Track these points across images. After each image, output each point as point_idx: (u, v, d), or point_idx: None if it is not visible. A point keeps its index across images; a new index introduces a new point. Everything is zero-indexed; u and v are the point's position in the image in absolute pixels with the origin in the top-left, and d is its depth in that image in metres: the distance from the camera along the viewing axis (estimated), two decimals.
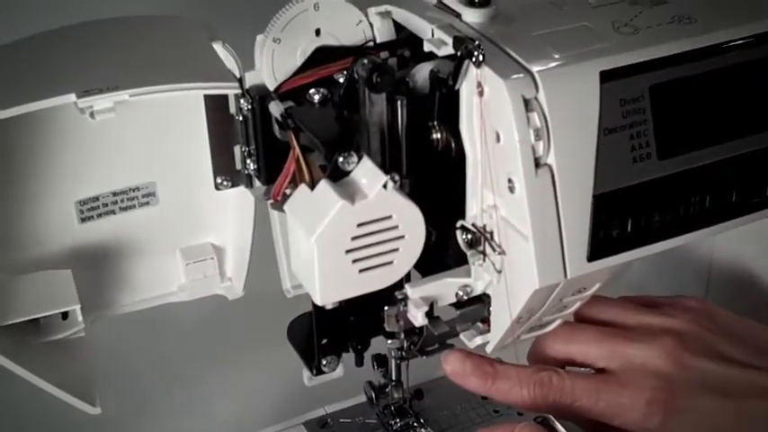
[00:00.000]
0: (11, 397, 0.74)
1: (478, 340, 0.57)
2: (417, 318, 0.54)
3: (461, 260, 0.55)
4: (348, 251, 0.50)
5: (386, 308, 0.54)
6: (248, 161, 0.58)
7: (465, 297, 0.55)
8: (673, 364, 0.57)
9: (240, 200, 0.61)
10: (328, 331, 0.56)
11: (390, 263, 0.51)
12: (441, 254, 0.55)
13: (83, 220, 0.60)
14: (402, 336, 0.56)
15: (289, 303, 0.62)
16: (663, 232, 0.51)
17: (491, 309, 0.55)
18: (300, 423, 0.66)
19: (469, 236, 0.53)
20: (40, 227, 0.58)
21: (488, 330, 0.56)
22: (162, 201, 0.61)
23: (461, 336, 0.58)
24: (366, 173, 0.50)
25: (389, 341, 0.56)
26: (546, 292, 0.50)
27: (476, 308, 0.56)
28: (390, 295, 0.55)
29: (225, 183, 0.60)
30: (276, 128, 0.56)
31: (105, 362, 0.70)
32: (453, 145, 0.53)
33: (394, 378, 0.64)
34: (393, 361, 0.62)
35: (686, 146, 0.51)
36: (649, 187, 0.50)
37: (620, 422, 0.56)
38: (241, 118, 0.57)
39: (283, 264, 0.62)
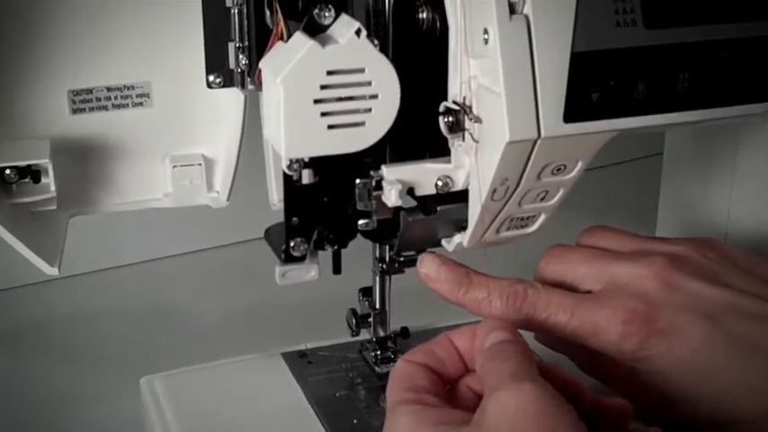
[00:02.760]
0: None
1: (457, 238, 0.55)
2: (391, 197, 0.52)
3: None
4: (317, 101, 0.49)
5: (357, 180, 0.53)
6: (241, 56, 0.58)
7: (445, 189, 0.53)
8: (659, 284, 0.52)
9: (232, 107, 0.61)
10: (299, 209, 0.54)
11: (362, 124, 0.50)
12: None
13: (74, 111, 0.59)
14: (374, 218, 0.54)
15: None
16: (646, 105, 0.49)
17: (469, 201, 0.53)
18: (279, 354, 0.64)
19: (451, 118, 0.52)
20: (31, 109, 0.58)
21: None
22: (156, 104, 0.61)
23: (443, 242, 0.56)
24: (342, 26, 0.50)
25: (361, 221, 0.54)
26: (520, 154, 0.48)
27: (456, 207, 0.54)
28: (367, 176, 0.53)
29: (217, 81, 0.59)
30: (269, 16, 0.56)
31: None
32: (438, 24, 0.52)
33: (378, 306, 0.61)
34: (377, 276, 0.60)
35: (675, 19, 0.49)
36: (632, 55, 0.48)
37: (596, 344, 0.52)
38: (236, 10, 0.58)
39: (271, 175, 0.61)
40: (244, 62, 0.58)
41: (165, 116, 0.61)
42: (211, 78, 0.60)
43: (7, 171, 0.55)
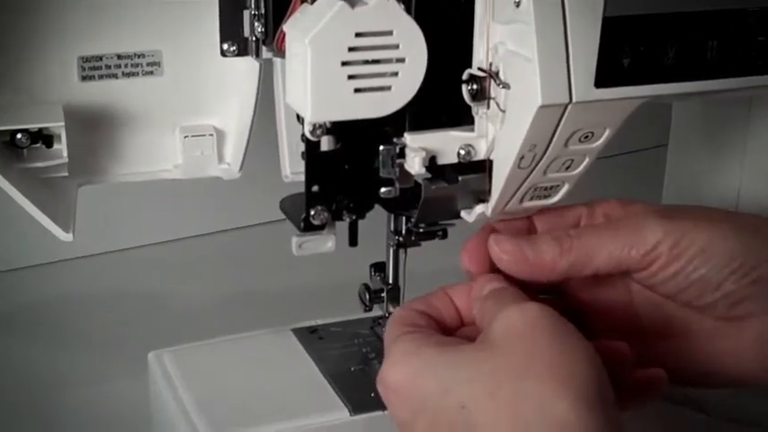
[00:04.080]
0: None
1: (479, 208, 0.54)
2: (415, 164, 0.51)
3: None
4: (344, 63, 0.48)
5: (381, 147, 0.52)
6: (256, 24, 0.57)
7: (468, 158, 0.53)
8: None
9: (245, 77, 0.60)
10: (320, 176, 0.53)
11: (389, 88, 0.49)
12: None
13: (84, 78, 0.58)
14: (397, 185, 0.53)
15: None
16: (675, 72, 0.49)
17: (492, 170, 0.52)
18: (289, 329, 0.63)
19: (475, 86, 0.51)
20: (39, 75, 0.57)
21: None
22: (167, 73, 0.60)
23: (462, 213, 0.55)
24: None
25: (383, 189, 0.53)
26: (550, 120, 0.48)
27: (478, 177, 0.53)
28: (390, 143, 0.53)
29: (231, 49, 0.58)
30: None
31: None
32: None
33: (391, 281, 0.61)
34: (390, 249, 0.59)
35: None
36: (662, 20, 0.48)
37: (641, 245, 0.50)
38: None
39: (284, 147, 0.60)
40: (259, 30, 0.57)
41: (176, 85, 0.60)
42: (225, 47, 0.59)
43: (18, 135, 0.53)
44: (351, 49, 0.48)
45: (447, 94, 0.52)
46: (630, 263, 0.50)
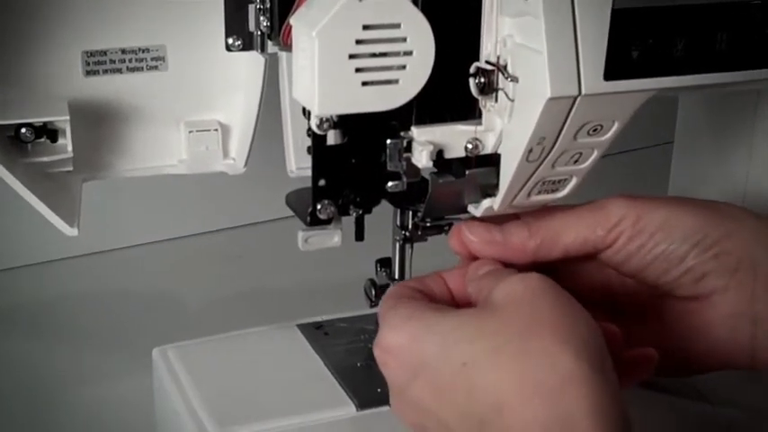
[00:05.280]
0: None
1: (486, 203, 0.53)
2: (422, 158, 0.51)
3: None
4: (352, 56, 0.48)
5: (388, 141, 0.52)
6: (262, 18, 0.57)
7: (475, 152, 0.52)
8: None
9: (250, 71, 0.59)
10: (327, 170, 0.53)
11: (396, 81, 0.49)
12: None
13: (88, 72, 0.58)
14: (404, 179, 0.53)
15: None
16: (684, 65, 0.48)
17: (500, 163, 0.52)
18: (294, 325, 0.62)
19: (483, 79, 0.51)
20: (43, 70, 0.57)
21: None
22: (171, 67, 0.59)
23: (469, 208, 0.55)
24: None
25: (390, 183, 0.53)
26: (559, 112, 0.47)
27: (485, 171, 0.53)
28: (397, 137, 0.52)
29: (237, 44, 0.58)
30: None
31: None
32: None
33: (397, 276, 0.60)
34: (396, 244, 0.59)
35: None
36: (671, 13, 0.48)
37: (606, 223, 0.52)
38: None
39: (289, 142, 0.60)
40: (265, 24, 0.57)
41: (181, 80, 0.60)
42: (230, 41, 0.58)
43: (23, 129, 0.53)
44: (358, 42, 0.48)
45: (454, 88, 0.52)
46: (596, 241, 0.52)
